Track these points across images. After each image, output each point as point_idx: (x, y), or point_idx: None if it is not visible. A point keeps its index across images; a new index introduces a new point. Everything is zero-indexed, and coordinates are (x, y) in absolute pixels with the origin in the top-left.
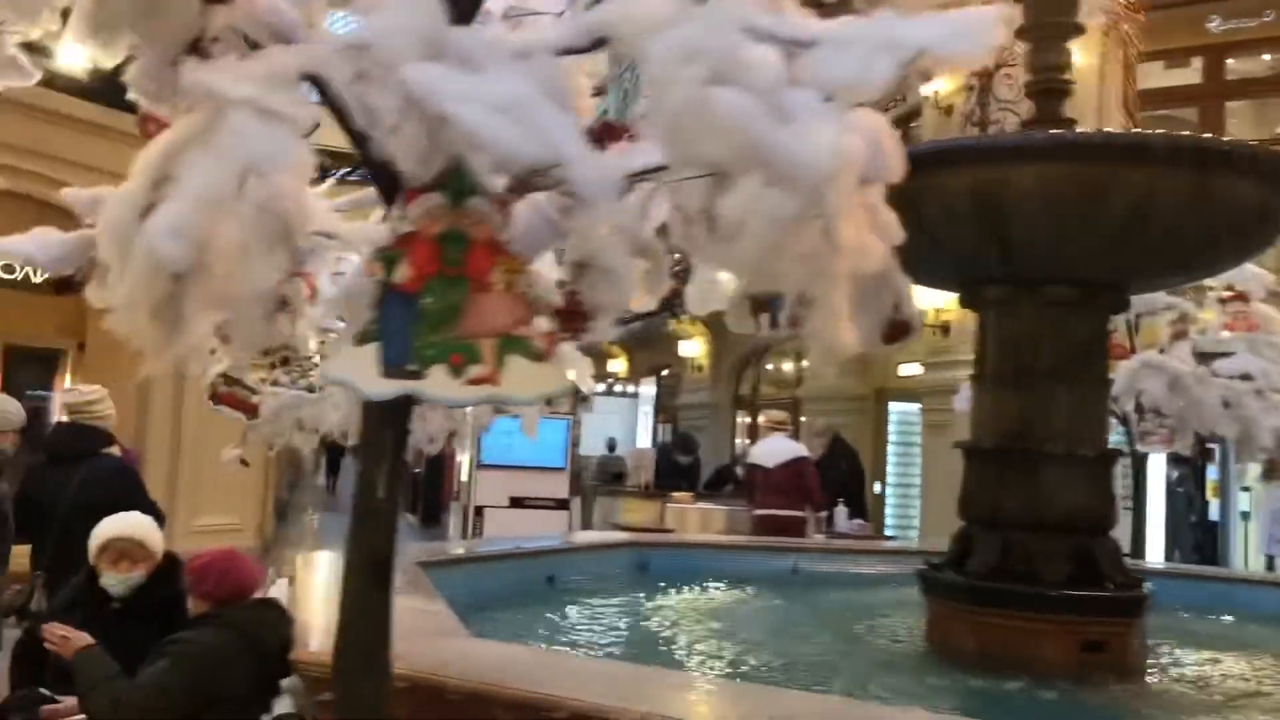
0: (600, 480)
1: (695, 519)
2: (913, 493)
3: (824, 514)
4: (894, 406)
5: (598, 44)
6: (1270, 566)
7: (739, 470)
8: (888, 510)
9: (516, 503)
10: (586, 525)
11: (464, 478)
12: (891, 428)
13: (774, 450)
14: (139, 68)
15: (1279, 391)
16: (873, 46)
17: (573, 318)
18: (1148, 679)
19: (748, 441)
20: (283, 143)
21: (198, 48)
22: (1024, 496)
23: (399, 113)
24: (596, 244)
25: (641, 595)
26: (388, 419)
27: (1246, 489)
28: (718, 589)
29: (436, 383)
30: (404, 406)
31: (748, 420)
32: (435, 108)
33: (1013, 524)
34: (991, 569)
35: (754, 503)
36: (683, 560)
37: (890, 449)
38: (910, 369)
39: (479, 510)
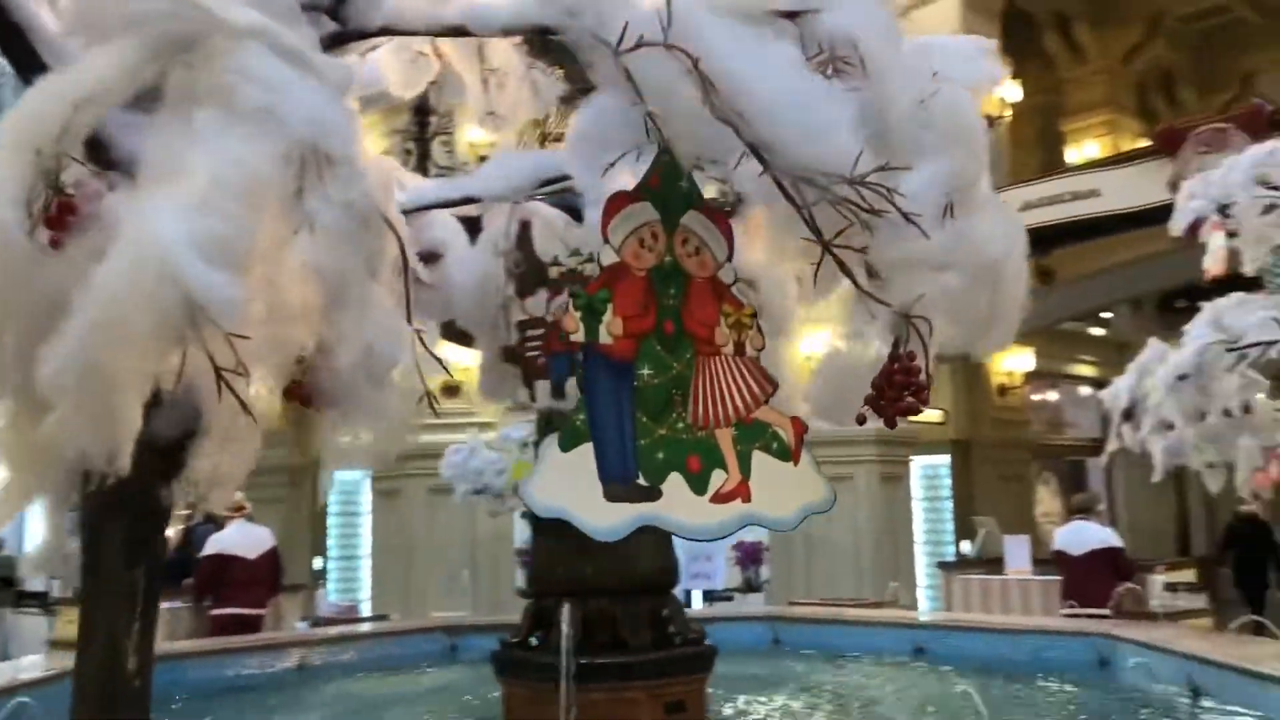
0: None
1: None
2: (357, 564)
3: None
4: (336, 475)
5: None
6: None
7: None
8: (331, 584)
9: None
10: None
11: None
12: (333, 497)
13: (258, 539)
14: None
15: None
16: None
17: (912, 390)
18: None
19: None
20: (335, 105)
21: None
22: (607, 562)
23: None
24: (920, 285)
25: None
26: (136, 549)
27: None
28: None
29: (679, 503)
30: (158, 526)
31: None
32: (713, 67)
33: (597, 592)
34: (578, 642)
35: (223, 598)
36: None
37: (332, 520)
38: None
39: None
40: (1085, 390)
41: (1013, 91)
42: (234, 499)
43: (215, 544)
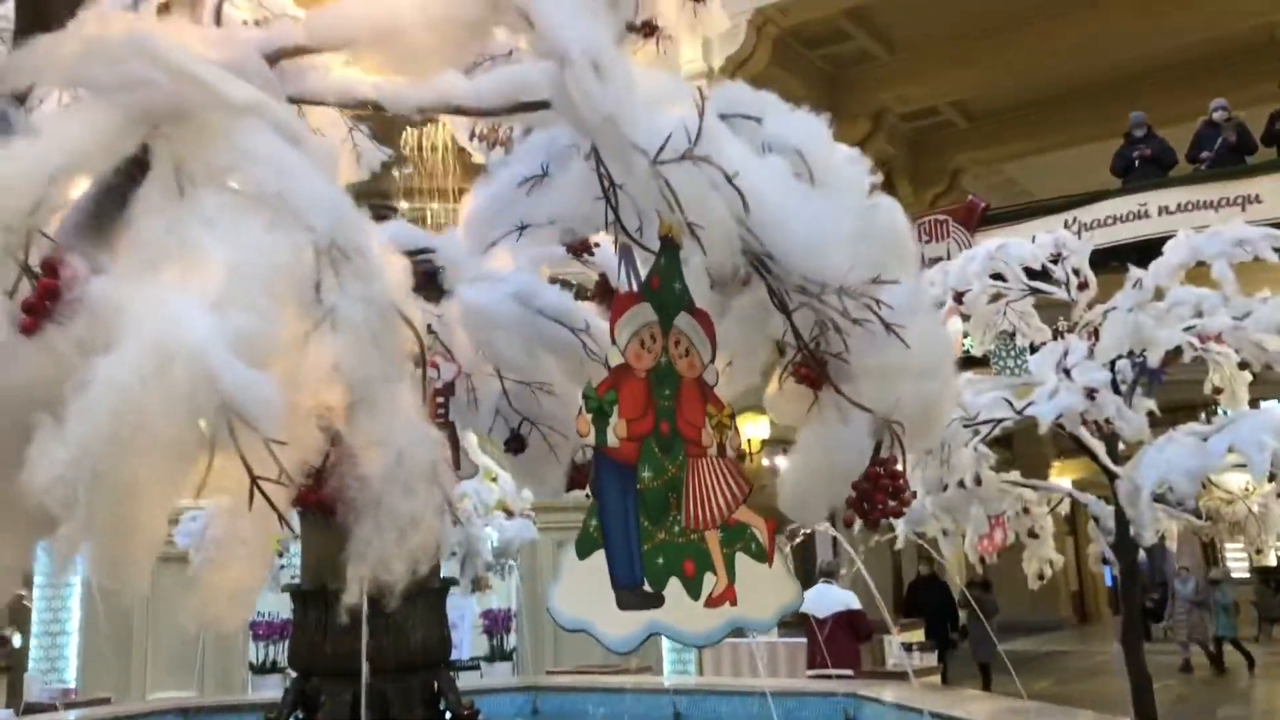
0: None
1: None
2: (64, 641)
3: None
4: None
5: None
6: None
7: None
8: (33, 662)
9: None
10: None
11: None
12: (38, 566)
13: None
14: None
15: (489, 509)
16: None
17: (894, 493)
18: None
19: None
20: (341, 192)
21: None
22: (382, 638)
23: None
24: (898, 390)
25: None
26: None
27: None
28: None
29: (678, 610)
30: None
31: None
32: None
33: (371, 670)
34: None
35: None
36: None
37: (37, 592)
38: None
39: None
40: None
41: None
42: None
43: None
